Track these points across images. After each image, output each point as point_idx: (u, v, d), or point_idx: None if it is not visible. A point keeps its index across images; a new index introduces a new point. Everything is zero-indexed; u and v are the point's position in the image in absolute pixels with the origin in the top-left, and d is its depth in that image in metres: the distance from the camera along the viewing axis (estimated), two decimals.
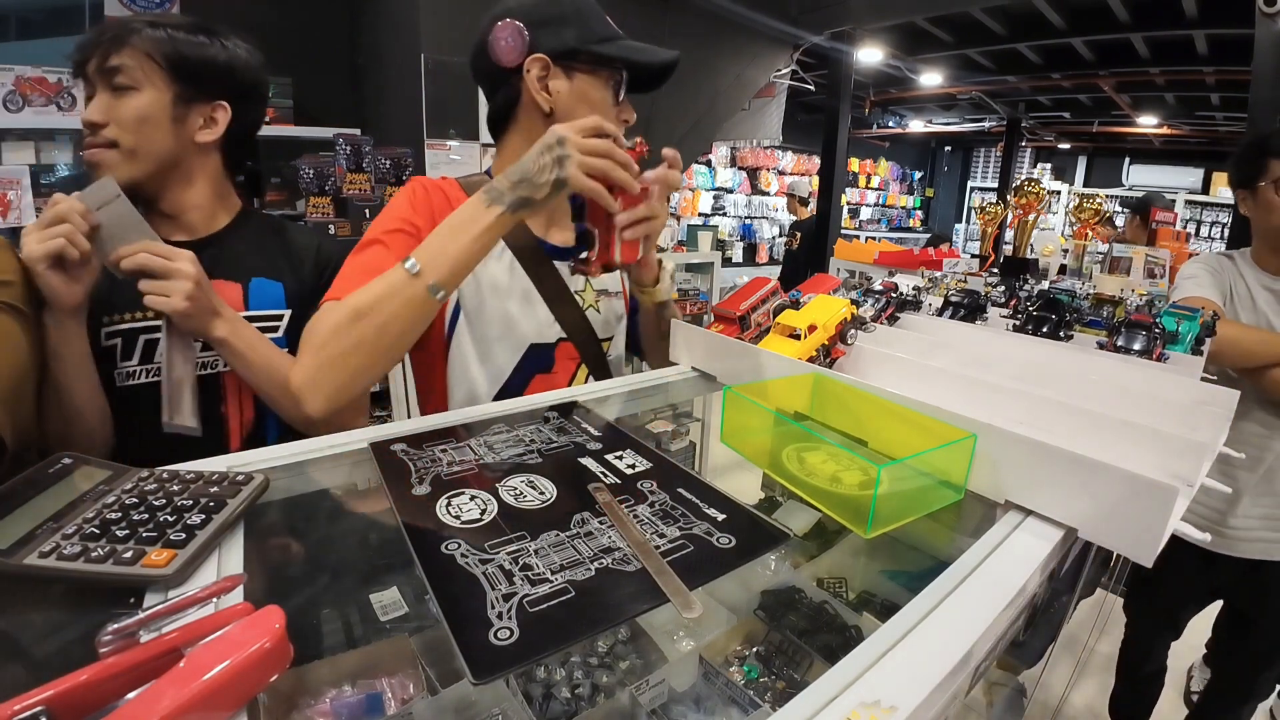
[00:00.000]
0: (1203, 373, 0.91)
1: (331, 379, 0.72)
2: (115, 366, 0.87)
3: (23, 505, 0.48)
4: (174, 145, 0.87)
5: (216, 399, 0.90)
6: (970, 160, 10.19)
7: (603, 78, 0.92)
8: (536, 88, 0.90)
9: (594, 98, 0.92)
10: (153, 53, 0.84)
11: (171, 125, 0.86)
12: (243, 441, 0.93)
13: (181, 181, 0.90)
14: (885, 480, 0.53)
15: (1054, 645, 0.86)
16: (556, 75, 0.90)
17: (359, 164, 2.03)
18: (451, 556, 0.48)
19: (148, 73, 0.84)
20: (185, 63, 0.86)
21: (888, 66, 5.24)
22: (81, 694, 0.31)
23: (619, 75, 0.92)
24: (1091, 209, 2.04)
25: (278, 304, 0.94)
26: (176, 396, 0.81)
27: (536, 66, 0.89)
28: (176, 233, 0.92)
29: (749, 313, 0.99)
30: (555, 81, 0.90)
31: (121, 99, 0.82)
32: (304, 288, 0.97)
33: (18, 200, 2.25)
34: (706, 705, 0.70)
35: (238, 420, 0.93)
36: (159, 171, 0.87)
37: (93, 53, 0.82)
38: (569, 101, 0.91)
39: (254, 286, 0.93)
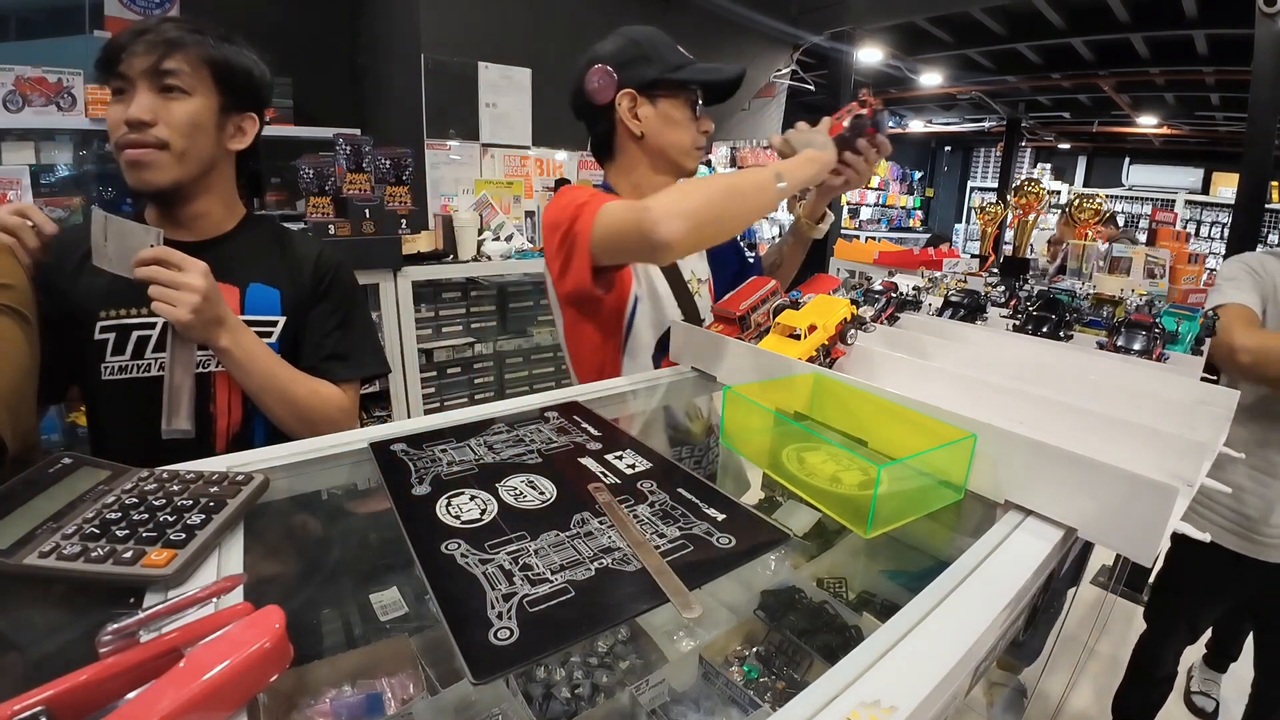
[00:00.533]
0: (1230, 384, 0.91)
1: (694, 219, 0.84)
2: (103, 360, 0.88)
3: (23, 505, 0.48)
4: (214, 151, 0.89)
5: (205, 398, 0.91)
6: (970, 160, 10.19)
7: (681, 99, 1.09)
8: (628, 117, 1.09)
9: (676, 117, 1.09)
10: (205, 60, 0.86)
11: (215, 132, 0.89)
12: (228, 442, 0.94)
13: (206, 187, 0.92)
14: (885, 480, 0.53)
15: (1054, 645, 0.86)
16: (643, 104, 1.08)
17: (359, 164, 2.03)
18: (451, 556, 0.48)
19: (201, 79, 0.85)
20: (232, 73, 0.89)
21: (888, 66, 5.24)
22: (81, 694, 0.31)
23: (694, 94, 1.10)
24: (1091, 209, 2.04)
25: (273, 310, 0.96)
26: (176, 402, 0.82)
27: (626, 100, 1.08)
28: (184, 235, 0.92)
29: (749, 313, 0.99)
30: (643, 109, 1.08)
31: (173, 101, 0.83)
32: (301, 295, 0.98)
33: (18, 200, 2.25)
34: (706, 705, 0.70)
35: (225, 421, 0.94)
36: (197, 177, 0.89)
37: (138, 52, 0.81)
38: (656, 124, 1.09)
39: (251, 292, 0.94)
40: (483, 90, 2.82)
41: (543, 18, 2.92)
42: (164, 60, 0.82)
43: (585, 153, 3.34)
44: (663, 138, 1.09)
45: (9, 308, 0.72)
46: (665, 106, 1.08)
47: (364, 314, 1.07)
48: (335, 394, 0.97)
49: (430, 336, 2.43)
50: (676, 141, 1.10)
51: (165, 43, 0.82)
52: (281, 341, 0.95)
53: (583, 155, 3.31)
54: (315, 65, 3.12)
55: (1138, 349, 0.98)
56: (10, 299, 0.73)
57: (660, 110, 1.09)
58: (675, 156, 1.11)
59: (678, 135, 1.10)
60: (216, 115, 0.88)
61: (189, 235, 0.92)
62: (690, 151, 1.12)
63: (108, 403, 0.90)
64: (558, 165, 3.18)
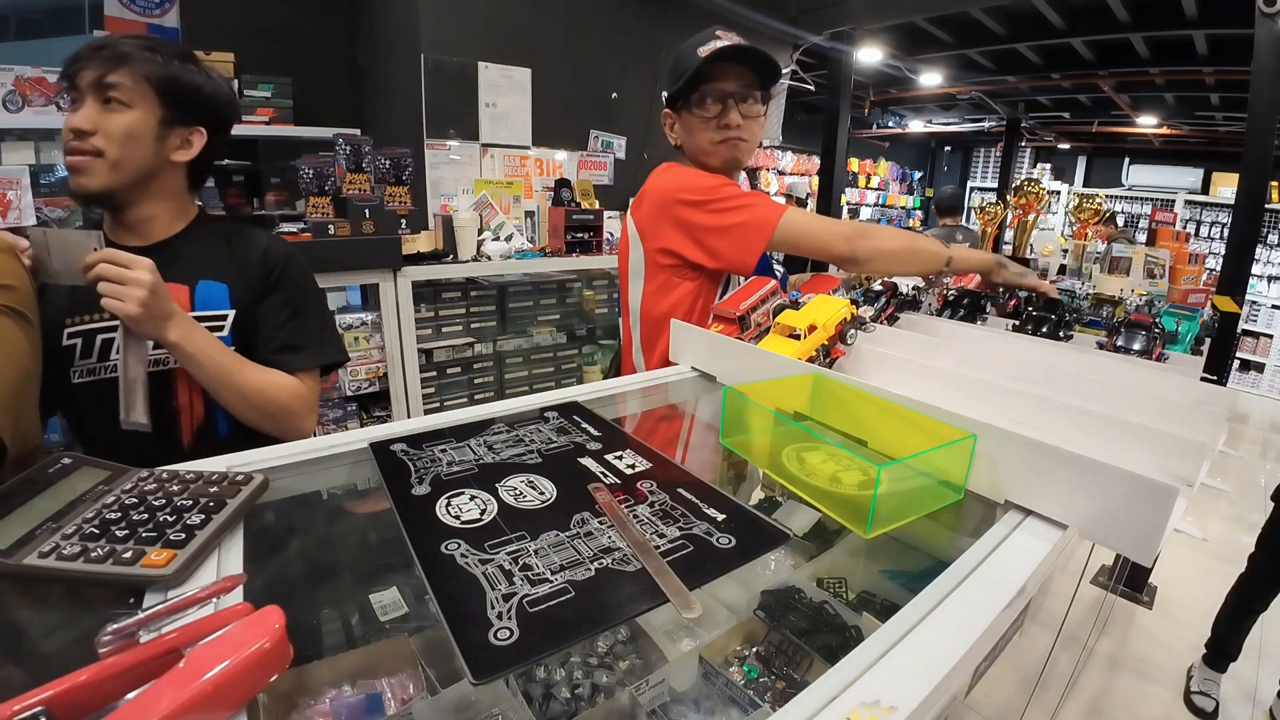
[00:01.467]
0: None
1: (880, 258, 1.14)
2: (73, 365, 0.92)
3: (23, 505, 0.48)
4: (152, 161, 0.93)
5: (169, 394, 0.95)
6: (970, 160, 10.18)
7: (694, 104, 1.16)
8: (669, 134, 1.26)
9: (692, 123, 1.19)
10: (149, 76, 0.90)
11: (154, 143, 0.93)
12: (193, 434, 0.97)
13: (148, 194, 0.96)
14: (885, 480, 0.53)
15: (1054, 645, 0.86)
16: (674, 119, 1.23)
17: (359, 164, 2.03)
18: (451, 556, 0.48)
19: (143, 93, 0.90)
20: (175, 89, 0.93)
21: (888, 66, 5.24)
22: (81, 694, 0.31)
23: (704, 94, 1.14)
24: (1091, 209, 2.04)
25: (222, 304, 0.99)
26: (131, 395, 0.84)
27: (667, 120, 1.24)
28: (131, 239, 0.96)
29: (749, 313, 0.99)
30: (676, 124, 1.22)
31: (112, 113, 0.88)
32: (249, 288, 1.01)
33: (18, 200, 2.24)
34: (706, 705, 0.70)
35: (189, 415, 0.97)
36: (133, 183, 0.93)
37: (89, 66, 0.87)
38: (683, 135, 1.22)
39: (200, 288, 0.97)
40: (483, 90, 2.82)
41: (543, 18, 2.91)
42: (108, 75, 0.87)
43: (585, 152, 3.34)
44: (689, 145, 1.22)
45: (9, 309, 0.72)
46: (685, 117, 1.19)
47: (318, 303, 1.08)
48: (290, 382, 0.99)
49: (430, 336, 2.43)
50: (696, 145, 1.20)
51: (113, 58, 0.87)
52: (233, 334, 0.98)
53: (583, 155, 3.31)
54: (315, 65, 3.12)
55: (1137, 349, 0.98)
56: (11, 300, 0.73)
57: (684, 121, 1.20)
58: (699, 158, 1.21)
59: (696, 140, 1.20)
60: (157, 127, 0.92)
61: (137, 240, 0.96)
62: (708, 150, 1.19)
63: (83, 406, 0.94)
64: (557, 165, 3.18)
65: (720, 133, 1.17)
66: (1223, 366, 2.76)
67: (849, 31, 4.11)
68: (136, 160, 0.91)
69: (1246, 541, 2.08)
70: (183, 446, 0.96)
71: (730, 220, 1.12)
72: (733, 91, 1.15)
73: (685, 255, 1.15)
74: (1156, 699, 2.08)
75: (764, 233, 1.11)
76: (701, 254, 1.14)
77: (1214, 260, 4.26)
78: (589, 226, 2.67)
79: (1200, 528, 3.06)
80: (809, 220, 1.14)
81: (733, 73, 1.16)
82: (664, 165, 1.24)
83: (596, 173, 3.34)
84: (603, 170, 3.38)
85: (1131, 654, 2.28)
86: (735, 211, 1.12)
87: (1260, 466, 4.39)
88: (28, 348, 0.74)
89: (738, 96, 1.16)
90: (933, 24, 4.63)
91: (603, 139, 3.41)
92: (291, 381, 0.99)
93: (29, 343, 0.75)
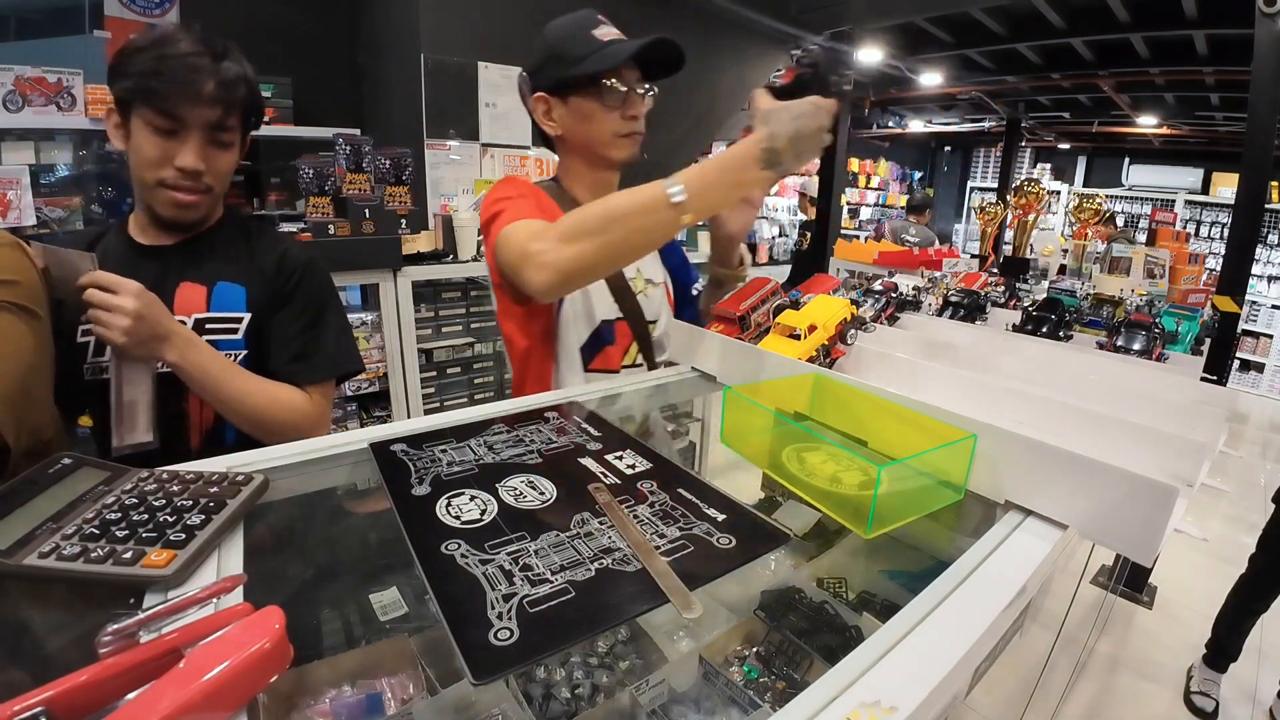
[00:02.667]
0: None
1: (568, 261, 0.81)
2: (85, 362, 0.91)
3: (23, 505, 0.48)
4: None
5: (179, 397, 0.93)
6: (970, 160, 10.17)
7: (592, 92, 1.02)
8: (543, 120, 1.08)
9: (588, 111, 1.04)
10: (245, 112, 0.94)
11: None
12: (202, 438, 0.96)
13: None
14: (885, 480, 0.53)
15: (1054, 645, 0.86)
16: (556, 105, 1.05)
17: (359, 164, 2.03)
18: (451, 556, 0.48)
19: (238, 130, 0.94)
20: (258, 117, 0.98)
21: (888, 66, 5.24)
22: (81, 694, 0.31)
23: (607, 84, 1.01)
24: (1091, 209, 2.04)
25: (238, 306, 0.98)
26: (129, 418, 0.84)
27: (540, 105, 1.07)
28: (163, 238, 0.96)
29: (749, 313, 0.99)
30: (556, 110, 1.06)
31: (219, 153, 0.93)
32: (265, 292, 1.00)
33: (18, 200, 2.24)
34: (706, 705, 0.70)
35: (198, 417, 0.96)
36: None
37: (200, 105, 0.87)
38: (570, 122, 1.06)
39: (217, 290, 0.97)
40: (483, 90, 2.82)
41: (542, 18, 2.91)
42: (224, 119, 0.90)
43: None
44: (580, 134, 1.06)
45: (13, 304, 0.72)
46: (576, 103, 1.04)
47: (335, 312, 1.07)
48: (298, 400, 0.98)
49: (430, 336, 2.43)
50: (594, 135, 1.06)
51: (226, 101, 0.89)
52: (247, 337, 0.98)
53: None
54: (315, 65, 3.11)
55: (1138, 349, 0.98)
56: (16, 295, 0.73)
57: (572, 107, 1.05)
58: (598, 150, 1.07)
59: (593, 129, 1.05)
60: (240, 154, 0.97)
61: (165, 238, 0.97)
62: (612, 142, 1.06)
63: (95, 404, 0.93)
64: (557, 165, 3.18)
65: (627, 124, 1.05)
66: (1223, 366, 2.75)
67: (849, 31, 4.11)
68: (227, 186, 0.97)
69: (1246, 541, 2.08)
70: (190, 450, 0.96)
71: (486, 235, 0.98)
72: (637, 83, 1.05)
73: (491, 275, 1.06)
74: (1156, 699, 2.08)
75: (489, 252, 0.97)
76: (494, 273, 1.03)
77: (1214, 260, 4.26)
78: None
79: (1200, 528, 3.06)
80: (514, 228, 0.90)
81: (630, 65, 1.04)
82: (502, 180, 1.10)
83: None
84: None
85: (1131, 654, 2.28)
86: (487, 224, 0.99)
87: (1260, 466, 4.38)
88: (33, 343, 0.74)
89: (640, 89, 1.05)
90: (933, 24, 4.63)
91: None
92: (299, 397, 0.98)
93: (34, 337, 0.74)
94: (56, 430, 0.80)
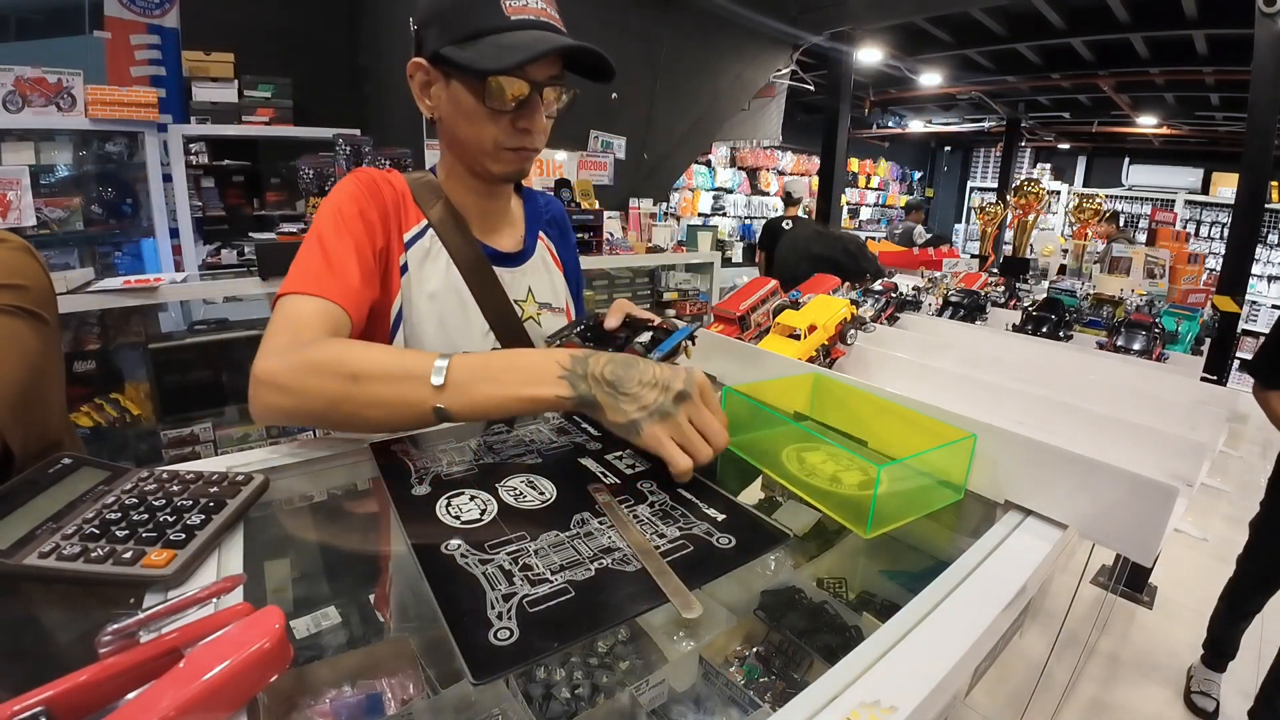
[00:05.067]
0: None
1: (296, 401, 0.63)
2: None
3: (23, 505, 0.48)
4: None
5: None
6: (970, 160, 10.19)
7: (474, 86, 0.77)
8: (418, 95, 0.83)
9: (467, 106, 0.79)
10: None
11: None
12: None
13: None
14: (885, 480, 0.53)
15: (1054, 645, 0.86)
16: (437, 81, 0.80)
17: (359, 164, 2.03)
18: (451, 556, 0.48)
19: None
20: None
21: (887, 66, 5.24)
22: (81, 694, 0.31)
23: (492, 84, 0.76)
24: (1091, 209, 2.04)
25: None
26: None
27: (418, 74, 0.82)
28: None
29: (749, 313, 0.99)
30: (436, 87, 0.81)
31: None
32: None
33: (18, 200, 2.25)
34: (706, 705, 0.70)
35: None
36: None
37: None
38: (448, 108, 0.81)
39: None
40: None
41: None
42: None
43: (585, 153, 3.34)
44: (456, 128, 0.82)
45: (21, 308, 0.72)
46: (457, 90, 0.79)
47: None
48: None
49: None
50: (471, 138, 0.82)
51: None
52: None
53: (583, 155, 3.31)
54: (315, 65, 3.12)
55: (1138, 349, 0.98)
56: (23, 300, 0.73)
57: (452, 92, 0.79)
58: (474, 156, 0.84)
59: (471, 129, 0.81)
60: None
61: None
62: (492, 153, 0.82)
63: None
64: (557, 165, 3.18)
65: (518, 136, 0.81)
66: (1223, 366, 2.76)
67: (849, 31, 4.12)
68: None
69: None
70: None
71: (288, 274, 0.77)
72: (546, 82, 0.79)
73: None
74: (1156, 699, 2.08)
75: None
76: None
77: (1214, 260, 4.26)
78: (589, 227, 2.67)
79: (1200, 528, 3.06)
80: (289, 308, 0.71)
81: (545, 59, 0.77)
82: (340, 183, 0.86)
83: (596, 173, 3.34)
84: (603, 170, 3.38)
85: (1131, 654, 2.28)
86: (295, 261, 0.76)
87: (1260, 466, 4.37)
88: (40, 347, 0.74)
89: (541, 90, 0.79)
90: (933, 24, 4.64)
91: (603, 139, 3.41)
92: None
93: (42, 342, 0.74)
94: (69, 434, 0.80)
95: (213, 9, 2.85)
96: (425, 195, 0.88)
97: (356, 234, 0.79)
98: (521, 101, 0.78)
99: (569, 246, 1.07)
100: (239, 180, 3.13)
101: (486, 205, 0.92)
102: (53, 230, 2.52)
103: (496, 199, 0.93)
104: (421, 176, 0.90)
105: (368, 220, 0.81)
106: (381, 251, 0.82)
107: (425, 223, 0.87)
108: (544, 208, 1.05)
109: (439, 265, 0.88)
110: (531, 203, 1.02)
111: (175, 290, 1.87)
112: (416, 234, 0.87)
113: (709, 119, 4.07)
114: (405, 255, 0.85)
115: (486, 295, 0.89)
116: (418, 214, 0.87)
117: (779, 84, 4.77)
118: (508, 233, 0.97)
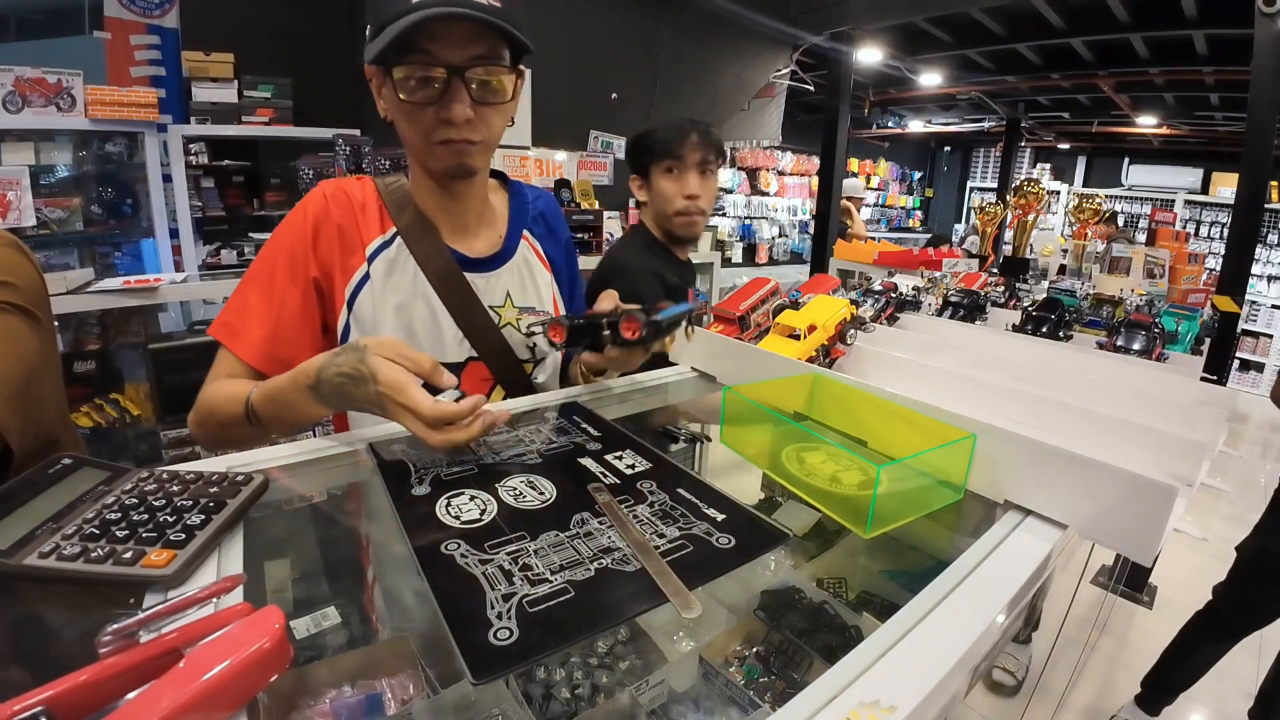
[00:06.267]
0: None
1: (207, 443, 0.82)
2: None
3: (23, 505, 0.48)
4: None
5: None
6: (970, 160, 10.18)
7: (399, 74, 0.72)
8: (376, 98, 0.81)
9: (393, 101, 0.76)
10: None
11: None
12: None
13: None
14: (885, 480, 0.53)
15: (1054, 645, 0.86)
16: (384, 82, 0.76)
17: (359, 164, 2.03)
18: (451, 556, 0.48)
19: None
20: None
21: (887, 66, 5.24)
22: (81, 694, 0.31)
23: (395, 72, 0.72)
24: (1091, 209, 2.04)
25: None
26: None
27: (373, 78, 0.79)
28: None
29: (749, 313, 0.99)
30: (386, 89, 0.77)
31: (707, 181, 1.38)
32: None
33: (17, 200, 2.25)
34: (706, 705, 0.70)
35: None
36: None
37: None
38: (392, 110, 0.79)
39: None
40: None
41: (542, 18, 2.92)
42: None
43: (585, 153, 3.34)
44: (398, 127, 0.80)
45: (12, 305, 0.72)
46: (390, 85, 0.75)
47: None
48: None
49: None
50: (405, 134, 0.80)
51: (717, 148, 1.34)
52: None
53: (582, 155, 3.31)
54: (315, 65, 3.12)
55: (1137, 349, 0.98)
56: (16, 297, 0.73)
57: (387, 91, 0.76)
58: (415, 154, 0.83)
59: (404, 125, 0.79)
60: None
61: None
62: (425, 149, 0.79)
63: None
64: (557, 165, 3.18)
65: (440, 129, 0.76)
66: (1223, 366, 2.76)
67: (849, 31, 4.12)
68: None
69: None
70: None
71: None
72: (466, 64, 0.72)
73: None
74: None
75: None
76: None
77: (1214, 260, 4.26)
78: (589, 227, 2.67)
79: (1200, 528, 3.06)
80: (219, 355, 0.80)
81: (459, 35, 0.71)
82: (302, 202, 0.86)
83: (596, 173, 3.34)
84: (602, 171, 3.38)
85: (1131, 654, 2.28)
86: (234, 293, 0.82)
87: (1260, 466, 4.39)
88: (35, 343, 0.74)
89: (463, 74, 0.72)
90: (932, 24, 4.63)
91: (603, 139, 3.42)
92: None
93: (37, 338, 0.75)
94: (67, 432, 0.80)
95: (213, 9, 2.86)
96: (395, 202, 0.85)
97: (279, 278, 0.81)
98: (441, 88, 0.72)
99: (558, 242, 1.02)
100: (239, 180, 3.13)
101: (451, 206, 0.87)
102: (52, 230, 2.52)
103: (462, 199, 0.87)
104: (395, 181, 0.88)
105: (296, 256, 0.82)
106: (321, 277, 0.83)
107: (394, 230, 0.85)
108: (531, 203, 1.00)
109: (406, 274, 0.85)
110: (519, 199, 0.98)
111: (175, 290, 1.87)
112: (383, 243, 0.85)
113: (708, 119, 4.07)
114: (369, 266, 0.83)
115: (458, 303, 0.86)
116: (386, 222, 0.85)
117: (779, 84, 4.77)
118: (484, 234, 0.92)
